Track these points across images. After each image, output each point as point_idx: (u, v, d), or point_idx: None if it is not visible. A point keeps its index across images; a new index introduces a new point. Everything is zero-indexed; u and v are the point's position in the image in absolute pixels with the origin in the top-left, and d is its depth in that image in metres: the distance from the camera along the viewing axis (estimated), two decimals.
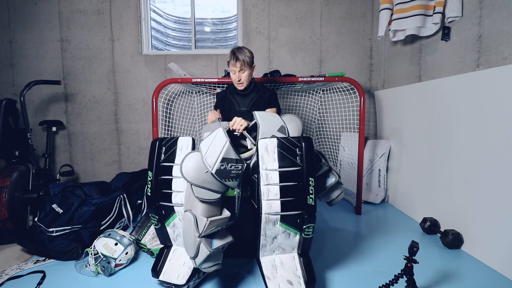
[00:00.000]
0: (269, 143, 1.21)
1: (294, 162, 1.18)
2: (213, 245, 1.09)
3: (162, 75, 2.87)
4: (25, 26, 2.81)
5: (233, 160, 1.12)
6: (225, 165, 1.10)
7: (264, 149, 1.21)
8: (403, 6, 2.04)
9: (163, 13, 3.04)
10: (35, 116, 2.86)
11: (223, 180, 1.11)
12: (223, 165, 1.09)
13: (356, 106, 2.55)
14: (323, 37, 2.86)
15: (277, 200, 1.16)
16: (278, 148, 1.20)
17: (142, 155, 2.96)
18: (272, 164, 1.18)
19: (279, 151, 1.20)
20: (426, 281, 1.31)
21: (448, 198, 1.77)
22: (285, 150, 1.20)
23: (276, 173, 1.17)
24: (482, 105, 1.53)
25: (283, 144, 1.21)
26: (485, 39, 1.58)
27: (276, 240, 1.21)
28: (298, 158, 1.18)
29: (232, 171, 1.12)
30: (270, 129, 1.30)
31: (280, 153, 1.19)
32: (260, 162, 1.19)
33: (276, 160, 1.18)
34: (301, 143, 1.19)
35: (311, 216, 1.16)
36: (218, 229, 1.13)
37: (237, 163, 1.13)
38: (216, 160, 1.08)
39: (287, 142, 1.21)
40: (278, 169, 1.17)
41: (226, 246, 1.19)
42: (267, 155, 1.20)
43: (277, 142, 1.21)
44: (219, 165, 1.08)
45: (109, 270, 1.38)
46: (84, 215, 1.70)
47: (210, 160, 1.08)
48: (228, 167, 1.11)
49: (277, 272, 1.19)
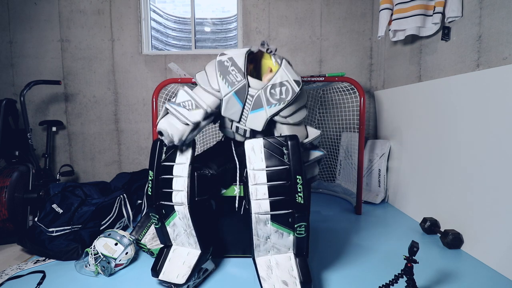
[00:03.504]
0: (256, 143, 1.22)
1: (281, 161, 1.18)
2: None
3: (162, 75, 2.87)
4: (25, 26, 2.81)
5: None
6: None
7: (251, 149, 1.21)
8: (403, 6, 2.04)
9: (163, 13, 3.05)
10: (35, 116, 2.86)
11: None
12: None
13: (356, 106, 2.55)
14: (323, 37, 2.86)
15: (265, 199, 1.16)
16: (264, 148, 1.20)
17: (142, 155, 2.96)
18: (259, 164, 1.18)
19: (265, 151, 1.20)
20: (426, 281, 1.31)
21: (448, 198, 1.78)
22: (272, 150, 1.20)
23: (264, 172, 1.17)
24: (482, 105, 1.54)
25: (269, 144, 1.21)
26: (485, 39, 1.58)
27: (269, 240, 1.21)
28: (285, 157, 1.18)
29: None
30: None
31: (267, 152, 1.20)
32: (247, 163, 1.20)
33: (263, 160, 1.19)
34: (288, 142, 1.20)
35: (302, 215, 1.16)
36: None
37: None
38: None
39: (274, 141, 1.21)
40: (266, 169, 1.18)
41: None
42: (254, 155, 1.20)
43: (263, 142, 1.21)
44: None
45: (109, 270, 1.38)
46: (84, 215, 1.70)
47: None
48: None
49: (272, 273, 1.19)
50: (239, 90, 1.34)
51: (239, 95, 1.34)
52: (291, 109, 1.36)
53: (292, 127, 1.40)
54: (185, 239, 1.32)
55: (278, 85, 1.33)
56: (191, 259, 1.28)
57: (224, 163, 1.48)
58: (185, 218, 1.26)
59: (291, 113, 1.37)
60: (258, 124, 1.37)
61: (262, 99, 1.34)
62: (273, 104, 1.33)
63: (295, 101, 1.35)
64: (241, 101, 1.35)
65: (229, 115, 1.39)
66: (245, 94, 1.34)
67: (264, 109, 1.34)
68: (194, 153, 1.31)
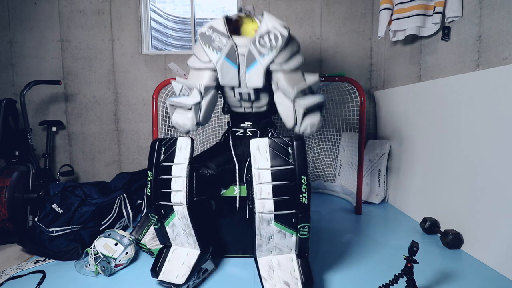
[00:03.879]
0: (261, 143, 1.22)
1: (286, 161, 1.18)
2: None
3: (162, 75, 2.87)
4: (25, 26, 2.81)
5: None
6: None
7: (256, 148, 1.21)
8: (403, 6, 2.04)
9: (163, 13, 3.05)
10: (35, 116, 2.86)
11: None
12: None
13: (356, 106, 2.55)
14: (323, 37, 2.86)
15: (270, 199, 1.16)
16: (270, 148, 1.20)
17: (142, 155, 2.96)
18: (264, 163, 1.18)
19: (271, 150, 1.20)
20: (426, 281, 1.31)
21: (448, 198, 1.77)
22: (277, 149, 1.20)
23: (268, 172, 1.17)
24: (482, 105, 1.53)
25: (275, 144, 1.21)
26: (485, 39, 1.58)
27: (272, 240, 1.21)
28: (290, 157, 1.18)
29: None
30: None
31: (272, 152, 1.20)
32: (252, 162, 1.20)
33: (268, 159, 1.19)
34: (293, 142, 1.20)
35: (305, 215, 1.16)
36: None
37: None
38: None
39: (279, 141, 1.21)
40: (270, 168, 1.18)
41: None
42: (259, 154, 1.20)
43: (268, 142, 1.21)
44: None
45: (109, 270, 1.38)
46: (84, 215, 1.70)
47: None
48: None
49: (274, 273, 1.19)
50: (229, 52, 1.34)
51: (230, 57, 1.34)
52: (285, 56, 1.35)
53: (289, 74, 1.37)
54: (185, 239, 1.32)
55: (265, 34, 1.33)
56: (191, 259, 1.28)
57: (223, 163, 1.48)
58: (184, 218, 1.26)
59: (285, 59, 1.35)
60: (258, 80, 1.36)
61: (253, 52, 1.33)
62: (265, 53, 1.32)
63: (286, 47, 1.34)
64: (234, 63, 1.35)
65: (227, 82, 1.38)
66: (235, 55, 1.34)
67: (258, 61, 1.33)
68: (192, 153, 1.31)
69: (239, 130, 1.63)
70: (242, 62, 1.35)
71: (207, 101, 1.39)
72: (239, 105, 1.54)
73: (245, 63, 1.35)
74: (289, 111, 1.36)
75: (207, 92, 1.39)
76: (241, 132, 1.62)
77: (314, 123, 1.39)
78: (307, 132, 1.39)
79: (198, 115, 1.37)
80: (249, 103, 1.51)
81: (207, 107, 1.40)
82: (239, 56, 1.35)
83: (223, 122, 2.80)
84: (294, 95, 1.33)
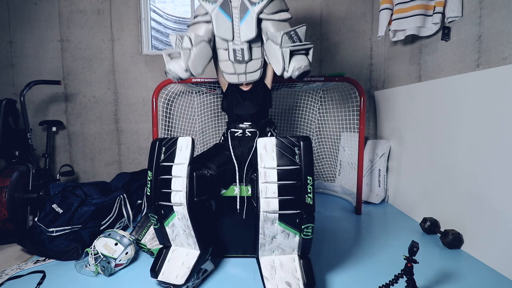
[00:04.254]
0: (268, 142, 1.22)
1: (292, 161, 1.19)
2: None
3: (162, 75, 2.87)
4: (25, 26, 2.81)
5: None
6: None
7: (263, 147, 1.22)
8: (403, 6, 2.03)
9: (163, 13, 3.05)
10: (35, 116, 2.86)
11: None
12: None
13: (356, 106, 2.55)
14: (323, 37, 2.86)
15: (275, 198, 1.16)
16: (277, 147, 1.21)
17: (142, 155, 2.96)
18: (270, 163, 1.19)
19: (277, 150, 1.20)
20: (426, 281, 1.31)
21: (448, 198, 1.77)
22: (284, 149, 1.20)
23: (275, 171, 1.18)
24: (482, 105, 1.53)
25: (282, 143, 1.21)
26: (485, 39, 1.58)
27: (275, 239, 1.21)
28: (297, 157, 1.19)
29: None
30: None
31: (278, 151, 1.20)
32: (258, 160, 1.20)
33: (274, 158, 1.19)
34: (300, 142, 1.20)
35: (309, 216, 1.16)
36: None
37: None
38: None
39: (286, 141, 1.22)
40: (277, 168, 1.18)
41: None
42: (266, 154, 1.20)
43: (276, 141, 1.22)
44: None
45: (109, 270, 1.38)
46: (84, 215, 1.71)
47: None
48: None
49: (276, 273, 1.19)
50: (223, 3, 1.46)
51: (224, 8, 1.46)
52: (274, 7, 1.49)
53: (277, 23, 1.50)
54: (184, 240, 1.32)
55: None
56: (190, 260, 1.28)
57: (224, 163, 1.48)
58: (184, 218, 1.26)
59: (275, 11, 1.49)
60: (250, 30, 1.48)
61: (245, 3, 1.46)
62: (256, 2, 1.45)
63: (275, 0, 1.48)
64: (228, 15, 1.47)
65: (222, 33, 1.50)
66: (229, 7, 1.46)
67: (250, 10, 1.46)
68: (193, 153, 1.31)
69: (238, 130, 1.63)
70: (236, 16, 1.47)
71: (197, 49, 1.49)
72: (233, 71, 1.61)
73: (238, 16, 1.47)
74: (278, 55, 1.46)
75: (197, 41, 1.49)
76: (240, 132, 1.63)
77: (300, 66, 1.47)
78: (295, 75, 1.47)
79: (187, 61, 1.47)
80: (243, 67, 1.58)
81: (197, 56, 1.50)
82: (232, 9, 1.47)
83: (223, 122, 2.80)
84: (281, 38, 1.42)
